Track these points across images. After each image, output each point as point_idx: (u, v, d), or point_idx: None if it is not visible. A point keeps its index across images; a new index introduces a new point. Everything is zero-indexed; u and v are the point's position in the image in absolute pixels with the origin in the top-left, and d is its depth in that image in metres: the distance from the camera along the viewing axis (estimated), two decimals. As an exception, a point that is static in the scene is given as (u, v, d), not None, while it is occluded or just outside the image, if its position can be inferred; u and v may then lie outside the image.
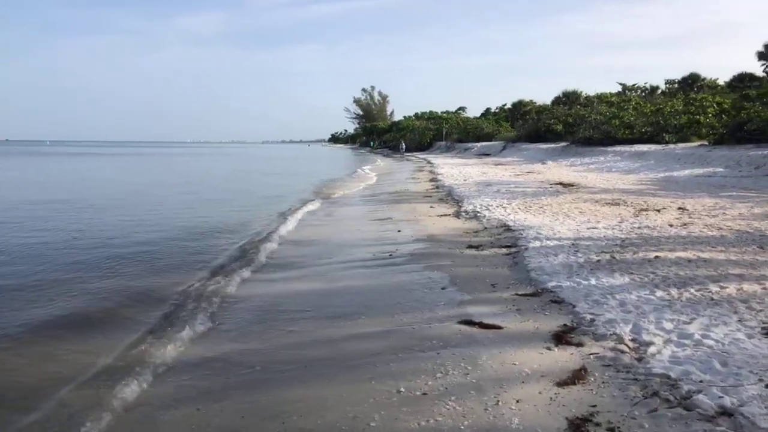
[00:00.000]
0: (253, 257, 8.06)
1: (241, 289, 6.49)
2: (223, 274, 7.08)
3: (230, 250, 8.64)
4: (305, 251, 8.62)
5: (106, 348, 4.67)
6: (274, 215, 12.73)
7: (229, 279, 6.80)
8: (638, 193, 14.42)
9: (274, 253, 8.44)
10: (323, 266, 7.50)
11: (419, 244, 8.65)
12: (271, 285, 6.66)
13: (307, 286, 6.49)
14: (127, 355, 4.51)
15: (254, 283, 6.78)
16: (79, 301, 6.06)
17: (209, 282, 6.69)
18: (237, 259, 8.02)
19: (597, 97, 50.69)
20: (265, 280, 6.96)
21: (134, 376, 3.99)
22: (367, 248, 8.52)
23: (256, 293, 6.32)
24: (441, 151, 60.78)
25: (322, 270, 7.24)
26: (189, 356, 4.46)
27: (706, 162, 23.05)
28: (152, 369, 4.17)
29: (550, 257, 6.83)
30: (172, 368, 4.24)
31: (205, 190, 20.66)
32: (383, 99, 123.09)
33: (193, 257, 8.21)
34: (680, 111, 33.41)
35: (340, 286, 6.37)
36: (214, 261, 7.93)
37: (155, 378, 4.05)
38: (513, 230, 9.18)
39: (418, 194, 16.99)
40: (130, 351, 4.60)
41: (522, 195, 14.29)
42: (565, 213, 10.86)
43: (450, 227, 10.14)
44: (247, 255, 8.22)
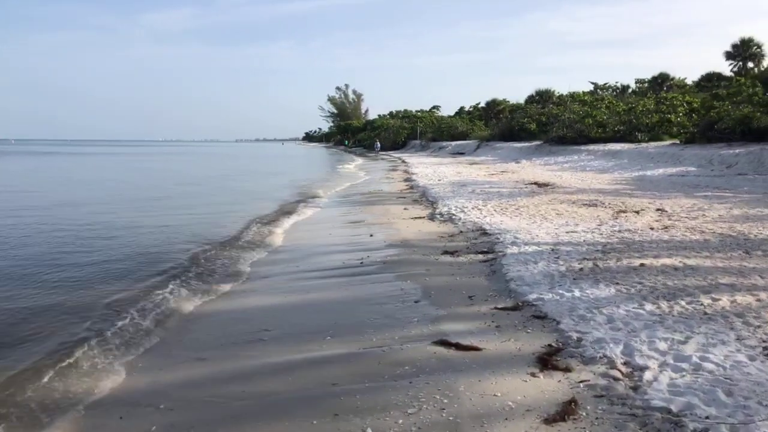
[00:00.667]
0: (212, 267, 7.51)
1: (197, 305, 5.95)
2: (177, 286, 6.48)
3: (183, 260, 7.98)
4: (271, 259, 8.09)
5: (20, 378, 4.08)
6: (241, 220, 12.14)
7: (183, 292, 6.25)
8: (614, 193, 14.20)
9: (237, 263, 7.89)
10: (289, 276, 7.00)
11: (392, 249, 8.20)
12: (231, 300, 6.14)
13: (271, 300, 5.98)
14: (43, 388, 3.92)
15: (213, 298, 6.24)
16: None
17: (159, 297, 6.07)
18: (190, 269, 7.40)
19: (570, 96, 50.90)
20: (226, 293, 6.43)
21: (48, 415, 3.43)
22: (336, 255, 8.04)
23: (214, 310, 5.79)
24: (415, 150, 60.48)
25: (288, 281, 6.73)
26: (123, 391, 3.90)
27: (678, 161, 23.11)
28: (70, 409, 3.59)
29: (530, 265, 6.44)
30: (97, 406, 3.67)
31: (171, 193, 19.89)
32: (358, 97, 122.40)
33: (147, 267, 7.58)
34: (652, 110, 33.65)
35: (306, 300, 5.87)
36: (169, 272, 7.28)
37: (73, 422, 3.48)
38: (489, 234, 8.79)
39: (391, 195, 16.55)
40: (51, 382, 4.00)
41: (497, 196, 13.96)
42: (542, 215, 10.52)
43: (424, 231, 9.71)
44: (204, 265, 7.65)
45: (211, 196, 18.15)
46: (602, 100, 37.80)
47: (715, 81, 54.76)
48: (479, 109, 70.86)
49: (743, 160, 20.02)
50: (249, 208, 14.22)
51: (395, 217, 11.66)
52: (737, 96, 27.13)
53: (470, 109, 75.13)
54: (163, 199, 16.88)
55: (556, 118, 39.18)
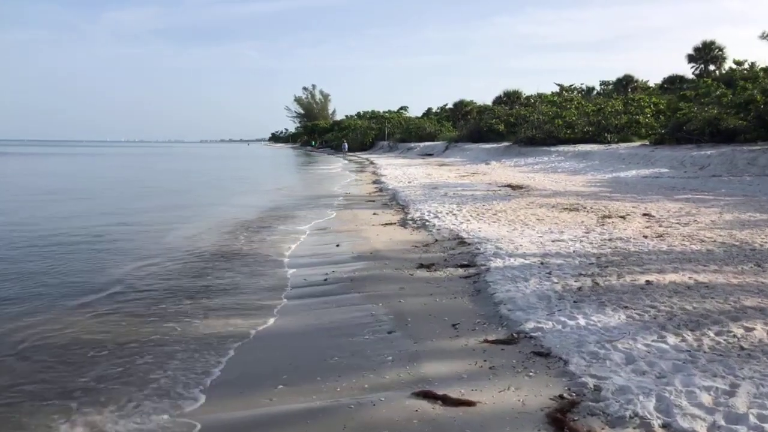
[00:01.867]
0: (140, 285, 6.43)
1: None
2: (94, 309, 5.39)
3: (116, 277, 6.88)
4: (225, 276, 7.06)
5: None
6: (194, 225, 11.03)
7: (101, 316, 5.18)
8: (593, 196, 13.55)
9: (183, 279, 6.83)
10: (242, 297, 5.99)
11: (361, 262, 7.26)
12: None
13: (215, 330, 4.97)
14: None
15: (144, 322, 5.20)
16: None
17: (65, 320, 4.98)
18: (110, 289, 6.30)
19: (538, 96, 50.78)
20: (162, 319, 5.39)
21: None
22: (298, 269, 7.05)
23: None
24: (384, 151, 59.67)
25: (240, 305, 5.72)
26: None
27: (650, 162, 22.79)
28: None
29: (520, 283, 5.57)
30: None
31: (113, 199, 18.51)
32: (325, 98, 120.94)
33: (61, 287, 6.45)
34: (620, 111, 33.52)
35: (258, 333, 4.88)
36: (86, 296, 6.10)
37: None
38: (468, 243, 7.93)
39: (360, 198, 15.61)
40: None
41: (472, 199, 13.14)
42: (522, 221, 9.73)
43: (396, 239, 8.80)
44: (130, 282, 6.58)
45: (161, 201, 16.91)
46: (571, 100, 37.51)
47: (678, 83, 55.60)
48: (447, 110, 70.46)
49: (715, 162, 19.75)
50: (200, 214, 13.08)
51: (364, 223, 10.72)
52: (706, 97, 27.06)
53: (438, 110, 74.73)
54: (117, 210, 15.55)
55: (525, 119, 38.84)
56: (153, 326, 4.96)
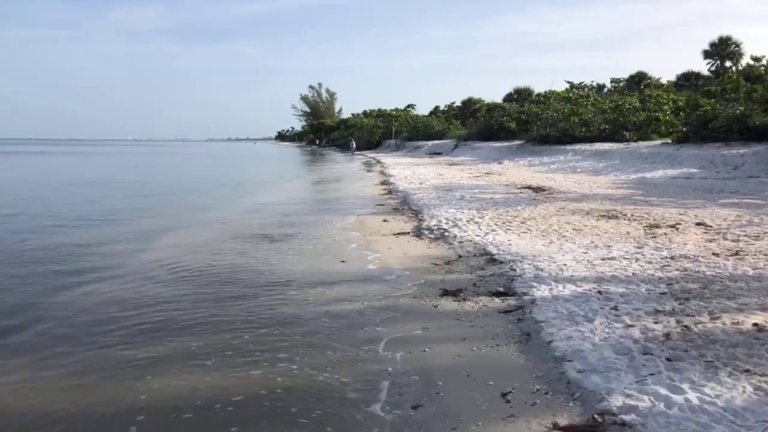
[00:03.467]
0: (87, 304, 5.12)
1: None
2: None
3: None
4: (202, 308, 5.74)
5: None
6: (179, 231, 9.74)
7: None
8: (626, 200, 12.17)
9: (158, 301, 5.52)
10: (221, 341, 4.67)
11: (370, 286, 5.94)
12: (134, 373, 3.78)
13: (190, 390, 3.65)
14: None
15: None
16: None
17: None
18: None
19: (551, 94, 49.26)
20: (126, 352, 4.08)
21: None
22: (293, 298, 5.74)
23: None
24: (391, 149, 58.34)
25: (218, 353, 4.40)
26: None
27: (676, 162, 21.39)
28: None
29: (581, 324, 4.24)
30: None
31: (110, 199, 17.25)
32: (331, 96, 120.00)
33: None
34: (639, 108, 32.04)
35: (235, 405, 3.55)
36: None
37: None
38: (500, 261, 6.60)
39: (367, 201, 14.28)
40: None
41: (493, 204, 11.79)
42: (557, 231, 8.38)
43: (412, 254, 7.47)
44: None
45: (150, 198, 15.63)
46: (587, 97, 35.98)
47: (694, 80, 54.05)
48: (454, 108, 68.99)
49: (750, 161, 18.35)
50: (191, 216, 11.80)
51: (373, 232, 9.40)
52: (734, 93, 25.55)
53: (445, 108, 73.24)
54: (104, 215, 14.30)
55: (538, 117, 37.43)
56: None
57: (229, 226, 10.74)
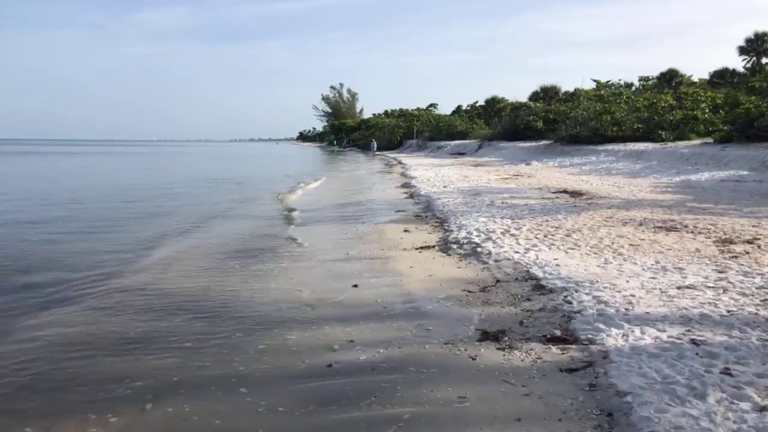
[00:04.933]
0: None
1: None
2: None
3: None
4: (164, 359, 4.57)
5: None
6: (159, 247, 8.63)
7: None
8: (678, 207, 10.73)
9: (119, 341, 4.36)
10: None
11: (387, 325, 4.70)
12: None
13: None
14: None
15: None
16: None
17: None
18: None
19: (580, 92, 47.44)
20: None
21: None
22: (290, 336, 4.53)
23: None
24: (412, 150, 57.01)
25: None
26: None
27: (722, 163, 19.73)
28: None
29: (688, 402, 2.94)
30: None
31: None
32: (352, 96, 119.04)
33: None
34: (675, 106, 30.28)
35: None
36: None
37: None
38: (549, 289, 5.31)
39: (386, 207, 13.03)
40: None
41: (528, 211, 10.46)
42: (611, 247, 7.05)
43: (439, 276, 6.21)
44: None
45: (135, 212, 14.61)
46: (620, 95, 34.23)
47: (729, 77, 51.77)
48: (477, 107, 67.42)
49: (808, 163, 16.74)
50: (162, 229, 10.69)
51: (393, 245, 8.16)
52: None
53: (468, 108, 71.66)
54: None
55: (566, 116, 35.84)
56: None
57: (220, 239, 9.60)
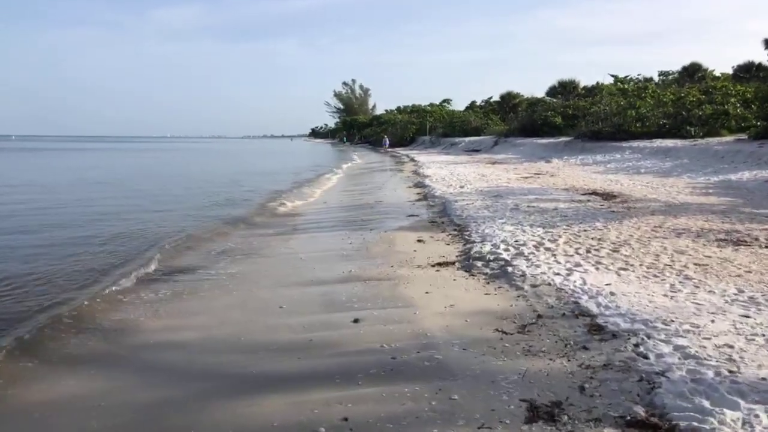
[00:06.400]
0: None
1: None
2: None
3: None
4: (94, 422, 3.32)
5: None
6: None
7: None
8: (733, 212, 9.31)
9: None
10: None
11: (397, 392, 3.42)
12: None
13: None
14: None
15: None
16: None
17: None
18: None
19: (601, 87, 45.68)
20: None
21: None
22: (261, 418, 3.27)
23: None
24: (425, 146, 55.55)
25: None
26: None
27: (763, 162, 18.13)
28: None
29: None
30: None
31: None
32: (365, 92, 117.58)
33: None
34: (704, 101, 28.60)
35: None
36: None
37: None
38: (610, 332, 4.00)
39: (397, 210, 11.72)
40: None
41: (560, 217, 9.10)
42: (673, 268, 5.70)
43: (462, 308, 4.90)
44: None
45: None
46: (645, 89, 32.55)
47: (755, 71, 49.76)
48: (492, 103, 65.74)
49: None
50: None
51: (404, 260, 6.85)
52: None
53: (482, 104, 69.98)
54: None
55: (586, 111, 34.28)
56: None
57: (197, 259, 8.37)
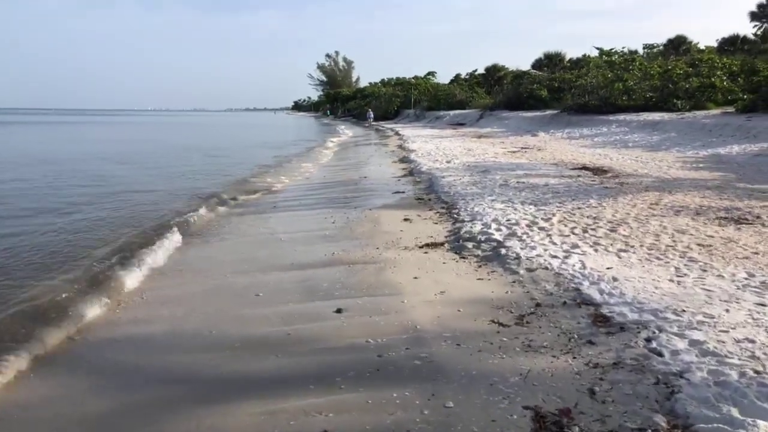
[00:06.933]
0: None
1: None
2: None
3: None
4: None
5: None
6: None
7: None
8: (727, 188, 9.01)
9: None
10: None
11: (384, 398, 3.02)
12: None
13: None
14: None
15: None
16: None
17: None
18: None
19: (588, 59, 45.17)
20: None
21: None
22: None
23: None
24: (409, 120, 54.83)
25: None
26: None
27: (751, 135, 17.94)
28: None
29: None
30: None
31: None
32: (348, 65, 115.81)
33: None
34: (691, 74, 28.31)
35: None
36: None
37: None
38: (617, 324, 3.63)
39: (382, 187, 11.27)
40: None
41: (552, 194, 8.72)
42: (675, 249, 5.36)
43: (454, 296, 4.51)
44: None
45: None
46: (633, 61, 32.12)
47: (739, 44, 49.59)
48: (477, 76, 64.98)
49: None
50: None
51: (390, 241, 6.43)
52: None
53: (467, 77, 69.13)
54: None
55: (572, 84, 33.88)
56: None
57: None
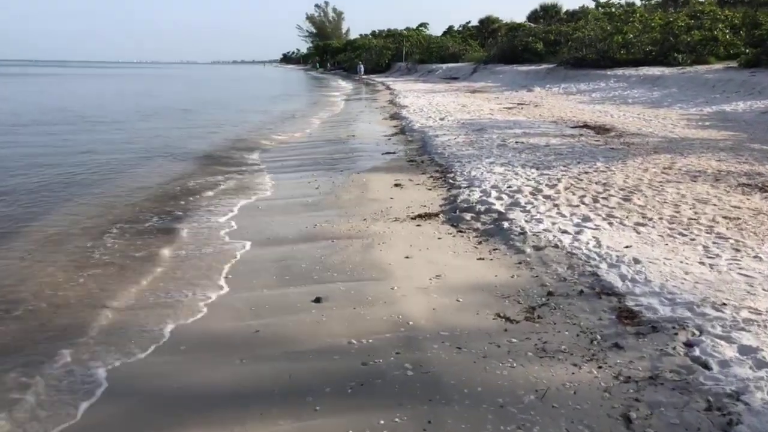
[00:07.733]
0: None
1: None
2: None
3: None
4: None
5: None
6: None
7: None
8: (741, 149, 8.37)
9: None
10: None
11: (370, 425, 2.45)
12: None
13: None
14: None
15: None
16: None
17: None
18: None
19: (586, 10, 43.63)
20: None
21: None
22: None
23: None
24: (401, 73, 53.36)
25: None
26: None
27: (756, 91, 17.22)
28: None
29: None
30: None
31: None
32: (338, 16, 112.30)
33: None
34: (692, 26, 27.22)
35: None
36: None
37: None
38: (647, 322, 3.06)
39: (371, 147, 10.53)
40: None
41: (554, 155, 8.05)
42: (699, 223, 4.77)
43: (451, 281, 3.91)
44: None
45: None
46: (633, 13, 30.86)
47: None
48: (471, 28, 63.08)
49: None
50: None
51: (378, 211, 5.79)
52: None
53: (460, 29, 67.13)
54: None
55: (569, 37, 32.69)
56: None
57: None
